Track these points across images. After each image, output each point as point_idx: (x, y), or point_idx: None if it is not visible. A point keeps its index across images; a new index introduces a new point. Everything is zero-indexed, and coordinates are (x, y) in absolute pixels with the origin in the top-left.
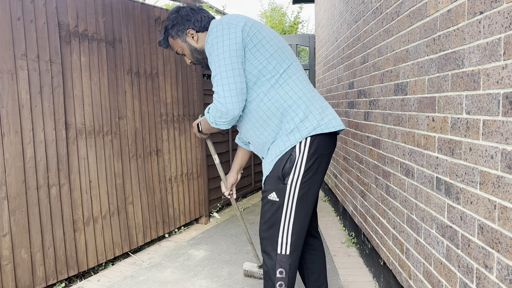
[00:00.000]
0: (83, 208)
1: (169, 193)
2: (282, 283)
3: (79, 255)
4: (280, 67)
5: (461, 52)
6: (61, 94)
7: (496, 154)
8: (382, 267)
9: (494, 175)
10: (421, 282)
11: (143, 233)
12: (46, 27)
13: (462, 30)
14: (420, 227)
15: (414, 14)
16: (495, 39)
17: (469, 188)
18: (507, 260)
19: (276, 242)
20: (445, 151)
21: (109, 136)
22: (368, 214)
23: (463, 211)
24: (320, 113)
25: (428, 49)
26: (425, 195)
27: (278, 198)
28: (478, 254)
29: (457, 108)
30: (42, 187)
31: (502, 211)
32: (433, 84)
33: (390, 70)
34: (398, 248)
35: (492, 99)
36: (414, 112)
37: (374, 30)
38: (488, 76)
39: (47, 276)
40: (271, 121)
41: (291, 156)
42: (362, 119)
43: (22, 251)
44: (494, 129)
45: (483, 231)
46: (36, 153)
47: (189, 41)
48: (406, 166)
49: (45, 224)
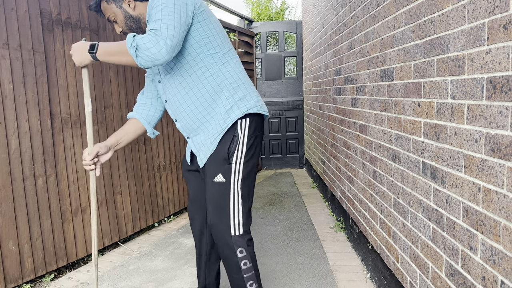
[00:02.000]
0: (71, 198)
1: (157, 182)
2: (246, 261)
3: (68, 246)
4: (224, 47)
5: (446, 37)
6: (45, 83)
7: (480, 138)
8: (370, 251)
9: (478, 158)
10: (408, 265)
11: (132, 223)
12: (27, 14)
13: (447, 16)
14: (406, 211)
15: (399, 0)
16: (479, 24)
17: (454, 171)
18: (491, 241)
19: (228, 225)
20: (430, 136)
21: (95, 126)
22: (355, 199)
23: (449, 195)
24: (256, 96)
25: (414, 35)
26: (412, 179)
27: (225, 179)
28: (463, 236)
29: (442, 93)
30: (29, 178)
31: (486, 193)
32: (419, 70)
33: (377, 56)
34: (386, 232)
35: (477, 83)
36: (401, 97)
37: (360, 16)
38: (473, 61)
39: (36, 267)
40: (209, 96)
41: (234, 136)
42: (349, 105)
43: (10, 243)
44: (478, 113)
45: (468, 213)
46: (21, 144)
47: (125, 7)
48: (393, 151)
49: (32, 215)
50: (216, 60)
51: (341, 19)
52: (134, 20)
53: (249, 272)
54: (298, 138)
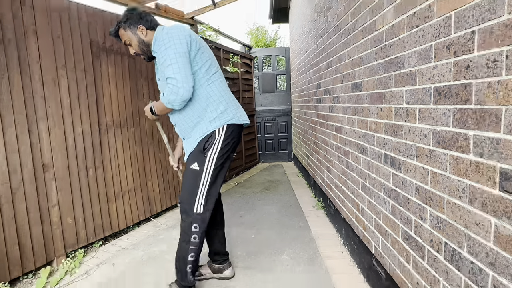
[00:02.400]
0: (114, 185)
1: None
2: (196, 236)
3: (112, 220)
4: (211, 70)
5: (402, 57)
6: (94, 99)
7: (428, 134)
8: (343, 223)
9: (427, 149)
10: (373, 233)
11: (160, 202)
12: (80, 43)
13: (402, 40)
14: (371, 191)
15: (366, 29)
16: (428, 46)
17: (408, 160)
18: (437, 212)
19: (193, 203)
20: (390, 133)
21: (132, 129)
22: (332, 184)
23: (404, 178)
24: (235, 109)
25: (377, 56)
26: (375, 167)
27: (199, 167)
28: (415, 209)
29: (399, 100)
30: (82, 170)
31: (433, 176)
32: (381, 82)
33: (348, 73)
34: (355, 208)
35: (426, 92)
36: (367, 104)
37: (335, 43)
38: (423, 74)
39: (88, 236)
40: (197, 109)
41: (211, 136)
42: (327, 111)
43: (68, 219)
44: (427, 114)
45: (419, 191)
46: (76, 144)
47: (139, 33)
48: (361, 146)
49: (85, 198)
50: (203, 82)
51: (320, 45)
52: (146, 44)
53: (194, 246)
54: (287, 138)
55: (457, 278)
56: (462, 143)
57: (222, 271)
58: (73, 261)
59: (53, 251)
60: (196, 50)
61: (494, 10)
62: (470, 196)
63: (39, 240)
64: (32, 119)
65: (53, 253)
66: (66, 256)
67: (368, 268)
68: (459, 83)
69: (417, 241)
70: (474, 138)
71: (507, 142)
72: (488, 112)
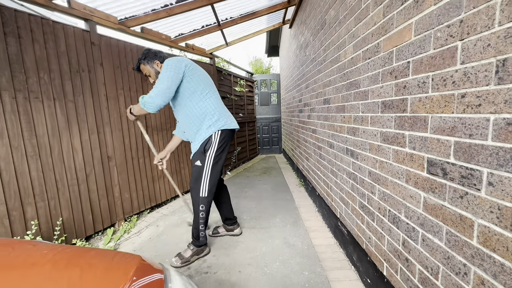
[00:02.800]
0: (157, 170)
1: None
2: (203, 213)
3: (156, 194)
4: (205, 89)
5: (358, 80)
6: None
7: (377, 134)
8: (317, 197)
9: (376, 144)
10: (338, 203)
11: (188, 183)
12: (132, 72)
13: (359, 68)
14: (337, 174)
15: (333, 60)
16: (376, 72)
17: (363, 152)
18: (383, 188)
19: (199, 190)
20: (350, 133)
21: (170, 130)
22: (310, 169)
23: (360, 165)
24: (227, 118)
25: (341, 79)
26: (340, 157)
27: (201, 164)
28: (368, 186)
29: (357, 110)
30: (134, 159)
31: (380, 163)
32: (344, 98)
33: (321, 91)
34: (326, 186)
35: (375, 104)
36: (334, 113)
37: (312, 70)
38: (373, 92)
39: (139, 206)
40: (197, 119)
41: (209, 140)
42: (306, 118)
43: (125, 194)
44: (376, 120)
45: (371, 174)
46: (130, 141)
47: (155, 67)
48: (330, 142)
49: (137, 178)
50: (200, 99)
51: (301, 72)
52: None
53: (202, 220)
54: (278, 137)
55: (397, 234)
56: (401, 140)
57: (233, 230)
58: (129, 223)
59: (115, 216)
60: (191, 74)
61: (423, 46)
62: (406, 177)
63: (106, 209)
64: (99, 124)
65: (115, 218)
66: (124, 220)
67: (335, 227)
68: (398, 98)
69: (369, 208)
70: (409, 137)
71: (432, 140)
72: (419, 118)
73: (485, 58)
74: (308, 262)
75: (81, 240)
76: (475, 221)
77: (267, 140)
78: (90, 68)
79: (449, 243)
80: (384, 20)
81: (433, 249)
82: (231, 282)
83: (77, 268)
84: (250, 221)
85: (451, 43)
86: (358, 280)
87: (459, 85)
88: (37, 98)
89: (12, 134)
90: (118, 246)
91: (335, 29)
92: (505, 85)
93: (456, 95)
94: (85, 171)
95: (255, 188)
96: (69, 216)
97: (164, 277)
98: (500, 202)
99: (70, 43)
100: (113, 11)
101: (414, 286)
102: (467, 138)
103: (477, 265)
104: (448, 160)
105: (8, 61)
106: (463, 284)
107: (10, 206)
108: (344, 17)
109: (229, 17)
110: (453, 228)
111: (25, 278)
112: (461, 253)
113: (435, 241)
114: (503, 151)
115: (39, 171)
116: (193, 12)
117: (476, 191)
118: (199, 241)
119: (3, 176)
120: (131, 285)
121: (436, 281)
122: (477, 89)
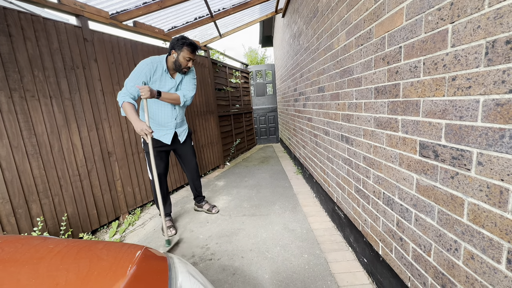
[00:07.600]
0: None
1: (202, 153)
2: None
3: None
4: None
5: (351, 67)
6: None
7: (371, 120)
8: (315, 183)
9: (370, 130)
10: (334, 188)
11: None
12: (128, 66)
13: (352, 55)
14: (333, 160)
15: (327, 48)
16: (369, 59)
17: (358, 138)
18: (378, 172)
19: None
20: (345, 120)
21: None
22: (306, 157)
23: (355, 150)
24: None
25: (334, 67)
26: (335, 144)
27: (192, 143)
28: (363, 171)
29: (351, 97)
30: (135, 154)
31: (374, 148)
32: (338, 85)
33: (315, 80)
34: (323, 172)
35: (368, 91)
36: (328, 101)
37: (306, 59)
38: (366, 79)
39: (142, 199)
40: (183, 112)
41: (191, 131)
42: (302, 107)
43: (128, 187)
44: (369, 106)
45: (365, 159)
46: (130, 136)
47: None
48: (325, 130)
49: (138, 172)
50: None
51: (295, 61)
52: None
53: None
54: (275, 127)
55: (391, 215)
56: (394, 125)
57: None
58: (133, 216)
59: (119, 210)
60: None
61: (414, 31)
62: (400, 160)
63: (109, 203)
64: (98, 120)
65: (119, 211)
66: (128, 213)
67: (332, 211)
68: (391, 83)
69: (365, 192)
70: (402, 121)
71: (424, 123)
72: (411, 103)
73: (475, 40)
74: (307, 246)
75: (87, 234)
76: (465, 200)
77: (264, 130)
78: (85, 65)
79: (441, 221)
80: (375, 6)
81: (425, 228)
82: (234, 267)
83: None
84: (250, 209)
85: (442, 26)
86: (355, 260)
87: (449, 68)
88: (33, 97)
89: (11, 134)
90: (124, 238)
91: (327, 16)
92: (494, 67)
93: (447, 78)
94: (86, 167)
95: (254, 177)
96: (74, 211)
97: (168, 264)
98: (489, 181)
99: (62, 40)
100: (104, 5)
101: (408, 263)
102: (458, 120)
103: (467, 241)
104: (439, 142)
105: (1, 60)
106: (454, 259)
107: (15, 204)
108: (336, 4)
109: (222, 8)
110: (445, 207)
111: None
112: (452, 231)
113: (427, 220)
114: (492, 131)
115: (41, 169)
116: (185, 4)
117: (466, 171)
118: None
119: (6, 175)
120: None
121: (429, 257)
122: (467, 71)
